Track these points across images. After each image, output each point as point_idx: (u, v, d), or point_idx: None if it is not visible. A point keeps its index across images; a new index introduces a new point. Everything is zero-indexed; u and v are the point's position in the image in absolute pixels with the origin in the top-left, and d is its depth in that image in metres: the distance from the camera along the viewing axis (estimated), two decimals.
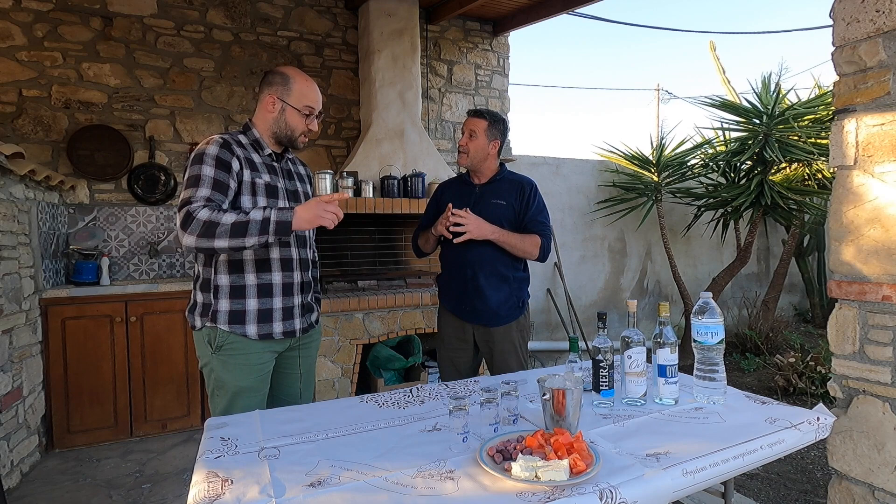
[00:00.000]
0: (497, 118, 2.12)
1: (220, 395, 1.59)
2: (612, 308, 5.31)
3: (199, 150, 1.52)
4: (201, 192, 1.46)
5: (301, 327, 1.69)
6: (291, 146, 1.70)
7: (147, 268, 3.57)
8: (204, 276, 1.59)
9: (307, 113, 1.65)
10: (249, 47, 3.83)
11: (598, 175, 5.31)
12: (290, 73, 1.64)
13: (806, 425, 1.32)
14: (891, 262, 1.36)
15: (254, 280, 1.58)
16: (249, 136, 1.64)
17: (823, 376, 3.61)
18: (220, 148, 1.52)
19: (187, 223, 1.41)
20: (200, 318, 1.58)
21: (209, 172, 1.48)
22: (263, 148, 1.64)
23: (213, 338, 1.57)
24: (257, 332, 1.58)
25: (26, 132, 3.27)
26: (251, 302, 1.57)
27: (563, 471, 0.99)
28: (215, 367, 1.58)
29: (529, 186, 2.14)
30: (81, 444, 2.94)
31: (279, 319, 1.62)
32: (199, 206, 1.43)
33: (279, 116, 1.63)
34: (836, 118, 1.47)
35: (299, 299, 1.68)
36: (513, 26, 4.60)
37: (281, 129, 1.64)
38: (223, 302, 1.56)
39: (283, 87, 1.62)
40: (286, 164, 1.73)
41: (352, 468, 1.08)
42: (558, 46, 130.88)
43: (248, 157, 1.59)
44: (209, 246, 1.41)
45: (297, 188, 1.74)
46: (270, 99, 1.62)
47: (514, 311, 2.13)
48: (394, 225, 4.09)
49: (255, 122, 1.67)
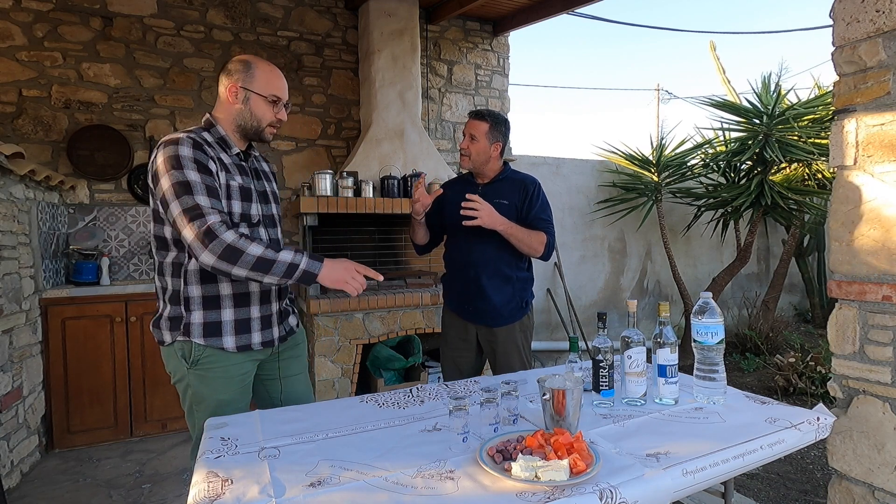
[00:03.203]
0: (499, 120, 2.10)
1: (200, 410, 1.49)
2: (612, 308, 5.31)
3: (169, 153, 1.36)
4: (204, 202, 1.34)
5: (279, 335, 1.60)
6: (258, 139, 1.56)
7: (147, 268, 3.57)
8: (172, 287, 1.46)
9: (273, 101, 1.51)
10: (249, 47, 3.83)
11: (598, 175, 5.31)
12: (251, 60, 1.50)
13: (806, 425, 1.32)
14: (891, 262, 1.36)
15: (229, 289, 1.47)
16: (214, 133, 1.50)
17: (823, 376, 3.61)
18: (194, 149, 1.38)
19: (209, 240, 1.30)
20: (171, 333, 1.46)
21: (196, 178, 1.35)
22: (231, 147, 1.51)
23: (187, 352, 1.45)
24: (235, 344, 1.48)
25: (26, 132, 3.27)
26: (227, 312, 1.47)
27: (563, 471, 0.99)
28: (192, 383, 1.47)
29: (533, 185, 2.12)
30: (81, 444, 2.94)
31: (257, 329, 1.52)
32: (219, 223, 1.33)
33: (244, 107, 1.49)
34: (836, 118, 1.47)
35: (277, 306, 1.59)
36: (513, 26, 4.60)
37: (246, 120, 1.50)
38: (196, 314, 1.44)
39: (245, 73, 1.48)
40: (252, 163, 1.61)
41: (352, 468, 1.08)
42: (558, 46, 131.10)
43: (219, 157, 1.46)
44: (226, 270, 1.33)
45: (265, 188, 1.62)
46: (233, 88, 1.48)
47: (517, 311, 2.13)
48: (394, 225, 4.09)
49: (217, 118, 1.52)
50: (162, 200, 1.37)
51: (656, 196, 5.04)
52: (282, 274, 1.36)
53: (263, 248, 1.35)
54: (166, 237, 1.45)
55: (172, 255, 1.45)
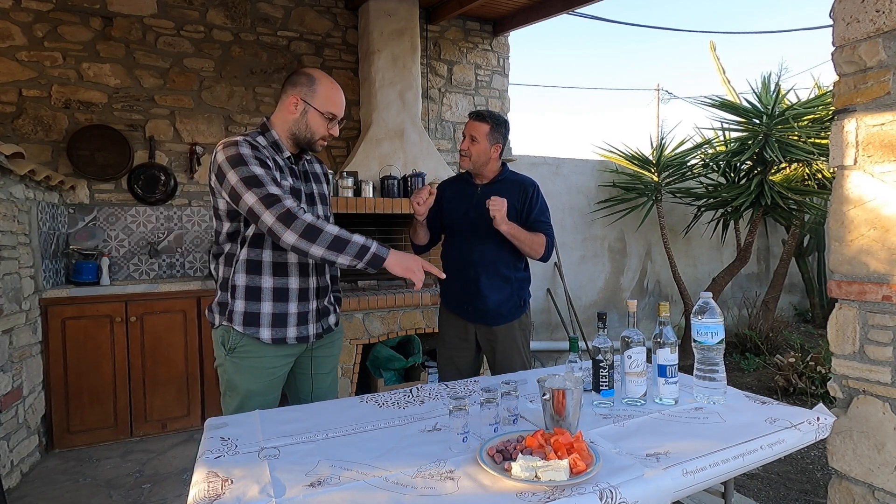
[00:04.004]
0: (499, 121, 2.10)
1: (231, 396, 1.59)
2: (612, 308, 5.31)
3: (230, 152, 1.47)
4: (275, 190, 1.43)
5: (315, 332, 1.66)
6: (309, 149, 1.66)
7: (147, 268, 3.57)
8: (223, 276, 1.58)
9: (329, 117, 1.60)
10: (249, 47, 3.83)
11: (598, 175, 5.31)
12: (316, 75, 1.60)
13: (806, 425, 1.32)
14: (891, 262, 1.36)
15: (270, 283, 1.56)
16: (268, 137, 1.60)
17: (823, 376, 3.61)
18: (251, 149, 1.49)
19: (289, 221, 1.39)
20: (218, 317, 1.58)
21: (261, 171, 1.45)
22: (282, 150, 1.61)
23: (226, 339, 1.56)
24: (271, 336, 1.56)
25: (26, 132, 3.27)
26: (266, 305, 1.56)
27: (563, 471, 0.99)
28: (227, 369, 1.58)
29: (532, 187, 2.13)
30: (81, 444, 2.94)
31: (293, 324, 1.59)
32: (296, 206, 1.43)
33: (300, 118, 1.58)
34: (836, 118, 1.47)
35: (314, 304, 1.66)
36: (513, 26, 4.60)
37: (301, 130, 1.60)
38: (239, 303, 1.55)
39: (308, 88, 1.58)
40: (303, 166, 1.70)
41: (352, 468, 1.08)
42: (558, 46, 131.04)
43: (273, 157, 1.56)
44: (305, 249, 1.41)
45: (313, 190, 1.71)
46: (294, 99, 1.57)
47: (515, 310, 2.14)
48: (394, 225, 4.09)
49: (273, 123, 1.62)
50: (232, 194, 1.45)
51: (656, 196, 5.04)
52: (354, 254, 1.44)
53: (338, 228, 1.44)
54: (223, 231, 1.57)
55: (227, 247, 1.58)
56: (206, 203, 3.72)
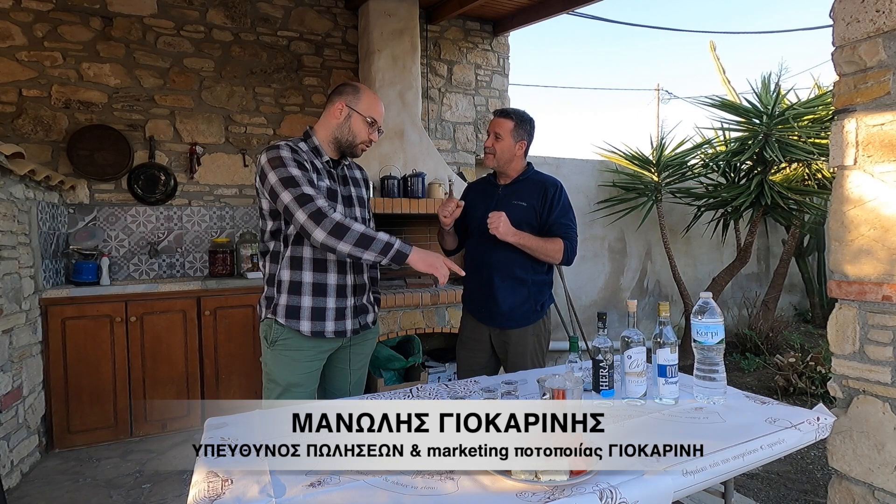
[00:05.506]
0: (524, 118, 2.07)
1: (271, 388, 1.70)
2: (612, 308, 5.31)
3: (272, 155, 1.59)
4: (309, 190, 1.55)
5: (352, 328, 1.75)
6: (350, 153, 1.78)
7: (147, 268, 3.57)
8: (270, 272, 1.71)
9: (371, 122, 1.74)
10: (249, 47, 3.83)
11: (598, 175, 5.31)
12: (360, 87, 1.76)
13: (806, 425, 1.32)
14: (891, 262, 1.36)
15: (310, 278, 1.67)
16: (309, 143, 1.73)
17: (823, 376, 3.61)
18: (291, 152, 1.61)
19: (320, 219, 1.51)
20: (265, 310, 1.70)
21: (298, 173, 1.57)
22: (322, 154, 1.73)
23: (269, 332, 1.68)
24: (310, 329, 1.66)
25: (26, 132, 3.27)
26: (306, 299, 1.66)
27: (562, 471, 0.99)
28: (268, 361, 1.70)
29: (553, 187, 2.09)
30: (81, 444, 2.94)
31: (332, 319, 1.69)
32: (327, 206, 1.54)
33: (344, 122, 1.71)
34: (836, 118, 1.47)
35: (352, 301, 1.75)
36: (513, 26, 4.59)
37: (344, 134, 1.72)
38: (283, 297, 1.66)
39: (354, 96, 1.72)
40: (342, 171, 1.81)
41: (352, 468, 1.08)
42: (558, 46, 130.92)
43: (312, 161, 1.68)
44: (333, 246, 1.51)
45: (351, 193, 1.81)
46: (340, 105, 1.71)
47: (531, 314, 2.09)
48: (394, 225, 4.09)
49: (316, 130, 1.76)
50: (271, 192, 1.58)
51: (656, 196, 5.04)
52: (379, 251, 1.53)
53: (364, 226, 1.55)
54: (267, 230, 1.70)
55: (272, 244, 1.71)
56: (205, 203, 3.73)
